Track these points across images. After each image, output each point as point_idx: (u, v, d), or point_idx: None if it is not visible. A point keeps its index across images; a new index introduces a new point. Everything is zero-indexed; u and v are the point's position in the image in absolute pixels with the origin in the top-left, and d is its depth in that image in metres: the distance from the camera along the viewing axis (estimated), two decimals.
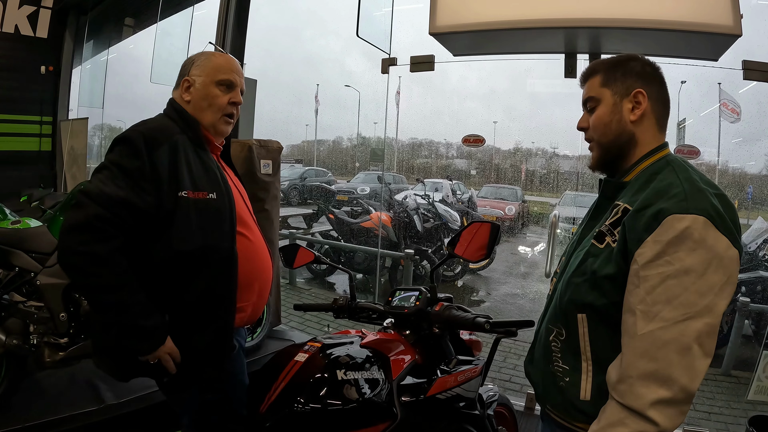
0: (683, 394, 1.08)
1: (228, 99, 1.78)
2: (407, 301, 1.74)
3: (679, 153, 3.85)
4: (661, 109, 1.36)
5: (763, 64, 2.96)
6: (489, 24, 2.99)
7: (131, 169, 1.54)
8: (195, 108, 1.76)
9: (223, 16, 4.15)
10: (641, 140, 1.33)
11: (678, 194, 1.15)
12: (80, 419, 2.55)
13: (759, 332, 4.70)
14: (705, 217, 1.09)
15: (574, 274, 1.31)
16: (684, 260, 1.08)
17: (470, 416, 1.76)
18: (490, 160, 16.79)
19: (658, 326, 1.09)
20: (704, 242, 1.08)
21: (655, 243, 1.11)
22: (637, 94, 1.32)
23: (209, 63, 1.79)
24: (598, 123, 1.37)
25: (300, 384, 1.43)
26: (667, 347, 1.08)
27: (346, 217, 8.33)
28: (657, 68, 1.38)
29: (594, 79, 1.38)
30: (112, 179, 1.52)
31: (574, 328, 1.28)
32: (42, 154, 6.31)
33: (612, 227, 1.25)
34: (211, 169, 1.72)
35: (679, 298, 1.08)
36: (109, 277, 1.48)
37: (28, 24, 5.90)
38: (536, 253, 9.95)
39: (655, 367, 1.09)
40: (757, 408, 3.39)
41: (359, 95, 22.24)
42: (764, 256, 5.56)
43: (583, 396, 1.26)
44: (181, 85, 1.79)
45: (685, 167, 1.25)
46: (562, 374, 1.32)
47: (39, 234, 2.73)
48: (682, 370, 1.07)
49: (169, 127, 1.68)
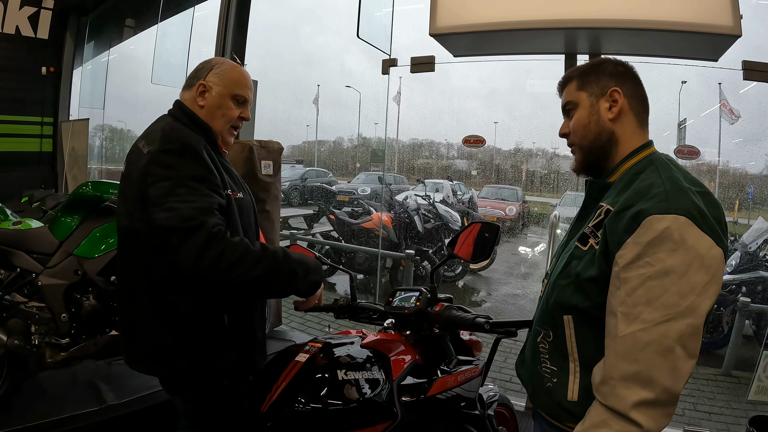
0: (666, 395, 1.08)
1: (239, 113, 1.78)
2: (407, 301, 1.75)
3: (678, 153, 3.86)
4: (638, 105, 1.36)
5: (763, 64, 2.96)
6: (489, 25, 3.00)
7: (202, 174, 1.51)
8: (207, 114, 1.73)
9: (223, 16, 4.16)
10: (622, 138, 1.34)
11: (658, 194, 1.14)
12: (81, 419, 2.56)
13: (759, 332, 4.70)
14: (686, 217, 1.09)
15: (560, 276, 1.32)
16: (664, 261, 1.08)
17: (470, 416, 1.77)
18: (491, 160, 16.79)
19: (639, 328, 1.09)
20: (685, 242, 1.08)
21: (635, 244, 1.11)
22: (612, 93, 1.33)
23: (229, 75, 1.76)
24: (577, 125, 1.38)
25: (301, 384, 1.44)
26: (649, 349, 1.07)
27: (346, 217, 8.33)
28: (630, 67, 1.39)
29: (570, 85, 1.40)
30: (195, 193, 1.46)
31: (561, 330, 1.29)
32: (43, 155, 6.32)
33: (595, 229, 1.25)
34: (230, 171, 1.73)
35: (659, 300, 1.08)
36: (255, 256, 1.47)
37: (29, 25, 5.91)
38: (537, 254, 9.94)
39: (637, 368, 1.08)
40: (758, 408, 3.39)
41: (360, 96, 22.23)
42: (765, 257, 5.55)
43: (571, 397, 1.26)
44: (195, 88, 1.74)
45: (669, 165, 1.25)
46: (549, 375, 1.32)
47: (40, 235, 2.73)
48: (664, 372, 1.07)
49: (188, 130, 1.65)
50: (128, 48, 7.20)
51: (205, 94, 1.73)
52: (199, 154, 1.52)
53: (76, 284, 2.69)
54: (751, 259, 5.51)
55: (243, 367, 1.65)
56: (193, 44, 5.12)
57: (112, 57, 7.18)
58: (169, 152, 1.50)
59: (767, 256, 5.59)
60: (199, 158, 1.52)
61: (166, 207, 1.42)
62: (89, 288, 2.73)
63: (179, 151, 1.51)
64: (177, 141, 1.53)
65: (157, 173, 1.48)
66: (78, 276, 2.69)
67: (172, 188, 1.45)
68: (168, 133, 1.57)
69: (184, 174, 1.48)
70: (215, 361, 1.57)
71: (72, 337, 2.65)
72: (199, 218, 1.40)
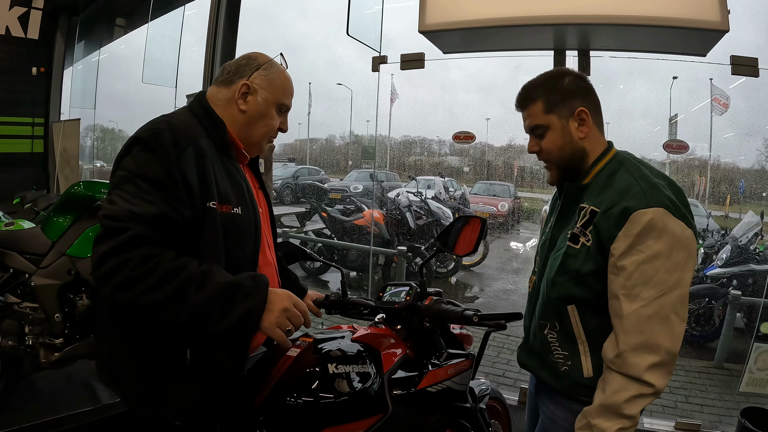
0: (669, 356, 1.30)
1: (279, 124, 1.60)
2: (398, 296, 1.76)
3: (667, 148, 3.89)
4: (598, 116, 1.52)
5: (750, 59, 2.98)
6: (478, 21, 3.01)
7: (159, 177, 1.29)
8: (247, 121, 1.53)
9: (214, 15, 4.15)
10: (590, 149, 1.51)
11: (638, 192, 1.34)
12: (76, 419, 2.57)
13: (750, 325, 4.73)
14: (663, 208, 1.30)
15: (558, 273, 1.48)
16: (653, 247, 1.29)
17: (462, 409, 1.78)
18: (483, 156, 16.82)
19: (640, 305, 1.29)
20: (666, 229, 1.29)
21: (626, 237, 1.31)
22: (580, 113, 1.47)
23: (279, 79, 1.57)
24: (552, 147, 1.52)
25: (292, 378, 1.45)
26: (651, 320, 1.29)
27: (339, 215, 8.34)
28: (585, 78, 1.54)
29: (535, 106, 1.51)
30: (139, 195, 1.27)
31: (566, 320, 1.47)
32: (34, 155, 6.28)
33: (584, 228, 1.43)
34: (237, 180, 1.49)
35: (653, 279, 1.29)
36: (158, 278, 1.22)
37: (19, 25, 5.87)
38: (528, 249, 10.00)
39: (644, 338, 1.29)
40: (749, 400, 3.43)
41: (351, 93, 22.19)
42: (755, 250, 5.59)
43: (587, 374, 1.45)
44: (236, 88, 1.52)
45: (636, 165, 1.45)
46: (563, 360, 1.50)
47: (33, 235, 2.73)
48: (665, 337, 1.29)
49: (193, 127, 1.44)
50: (119, 47, 7.17)
51: (248, 98, 1.53)
52: (163, 149, 1.31)
53: (69, 284, 2.69)
54: (742, 252, 5.55)
55: (202, 411, 1.43)
56: (183, 43, 5.14)
57: (103, 57, 7.14)
58: (139, 141, 1.33)
59: (758, 250, 5.63)
60: (167, 159, 1.31)
61: (110, 198, 1.30)
62: (82, 288, 2.73)
63: (147, 144, 1.32)
64: (151, 131, 1.34)
65: (120, 160, 1.35)
66: (71, 276, 2.69)
67: (121, 181, 1.31)
68: (156, 121, 1.39)
69: (140, 170, 1.30)
70: (169, 396, 1.39)
71: (66, 337, 2.66)
72: (125, 223, 1.23)
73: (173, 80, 5.10)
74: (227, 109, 1.52)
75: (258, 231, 1.53)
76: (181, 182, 1.31)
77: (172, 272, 1.23)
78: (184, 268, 1.25)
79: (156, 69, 5.19)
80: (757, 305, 4.76)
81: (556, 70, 1.57)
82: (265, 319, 1.33)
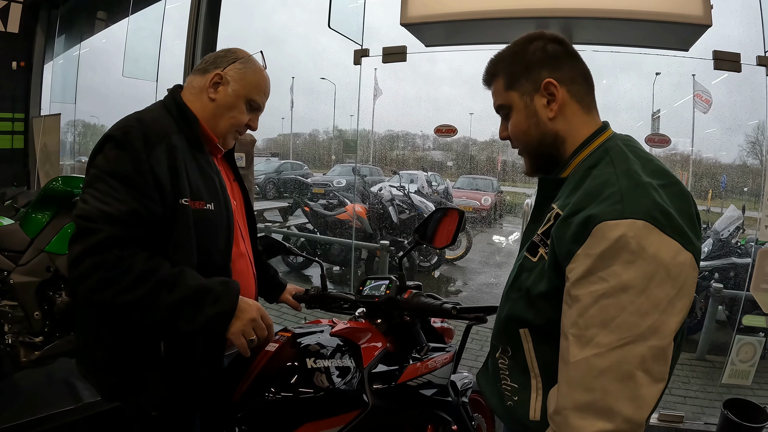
0: (628, 424, 0.90)
1: (247, 120, 1.61)
2: (378, 290, 1.75)
3: (649, 142, 3.91)
4: (581, 88, 1.18)
5: (733, 54, 3.00)
6: (460, 14, 2.99)
7: (130, 174, 1.31)
8: (214, 110, 1.54)
9: (195, 8, 4.10)
10: (568, 134, 1.17)
11: (612, 195, 0.97)
12: (58, 419, 2.54)
13: (732, 317, 4.79)
14: (645, 221, 0.92)
15: (511, 288, 1.19)
16: (620, 275, 0.91)
17: (443, 403, 1.78)
18: (466, 151, 16.89)
19: (593, 353, 0.92)
20: (644, 251, 0.91)
21: (586, 257, 0.94)
22: (548, 86, 1.15)
23: (253, 76, 1.58)
24: (516, 131, 1.22)
25: (271, 373, 1.44)
26: (605, 376, 0.91)
27: (321, 209, 8.34)
28: (562, 41, 1.19)
29: (497, 82, 1.23)
30: (110, 193, 1.30)
31: (518, 345, 1.14)
32: (15, 151, 6.18)
33: (544, 237, 1.09)
34: (209, 176, 1.50)
35: (615, 320, 0.91)
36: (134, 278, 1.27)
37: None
38: (511, 243, 10.07)
39: (592, 398, 0.92)
40: (732, 391, 3.45)
41: (335, 87, 22.08)
42: (736, 243, 5.67)
43: (533, 416, 1.12)
44: (209, 77, 1.54)
45: (626, 155, 1.07)
46: (510, 393, 1.19)
47: (11, 232, 2.69)
48: (624, 401, 0.90)
49: (165, 123, 1.45)
50: (100, 41, 7.07)
51: (219, 88, 1.54)
52: (133, 147, 1.33)
53: (48, 281, 2.66)
54: (723, 245, 5.63)
55: (178, 402, 1.49)
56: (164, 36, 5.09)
57: (84, 51, 7.04)
58: (110, 139, 1.35)
59: (739, 243, 5.70)
60: (137, 156, 1.32)
61: (83, 197, 1.33)
62: (62, 285, 2.69)
63: (118, 142, 1.34)
64: (122, 129, 1.36)
65: (93, 158, 1.37)
66: (50, 273, 2.65)
67: (93, 179, 1.34)
68: (128, 118, 1.41)
69: (111, 168, 1.33)
70: (144, 387, 1.44)
71: (46, 335, 2.62)
72: (97, 223, 1.26)
73: (154, 74, 5.04)
74: (199, 97, 1.55)
75: (231, 224, 1.55)
76: (152, 179, 1.33)
77: (145, 274, 1.28)
78: (157, 270, 1.30)
79: (137, 63, 5.12)
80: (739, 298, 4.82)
81: (526, 35, 1.21)
82: (233, 324, 1.38)
